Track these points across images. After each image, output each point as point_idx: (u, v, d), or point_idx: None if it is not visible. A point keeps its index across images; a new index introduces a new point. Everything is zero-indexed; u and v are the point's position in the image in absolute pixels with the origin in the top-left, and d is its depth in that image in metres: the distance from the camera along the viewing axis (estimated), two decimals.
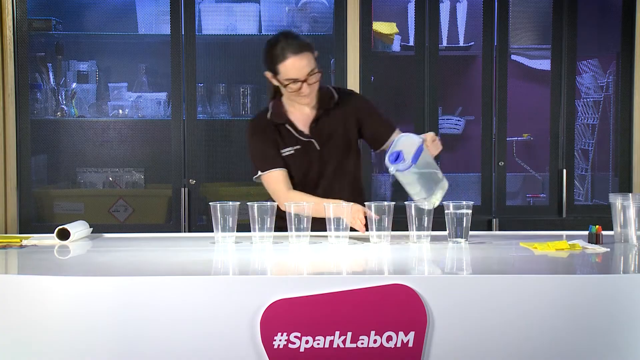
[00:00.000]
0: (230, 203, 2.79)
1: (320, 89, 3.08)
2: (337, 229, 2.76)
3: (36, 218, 4.41)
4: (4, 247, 2.73)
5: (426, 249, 2.67)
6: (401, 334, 2.10)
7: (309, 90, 2.97)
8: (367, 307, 2.10)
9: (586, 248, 2.65)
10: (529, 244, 2.68)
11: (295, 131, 3.08)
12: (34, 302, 2.13)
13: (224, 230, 2.78)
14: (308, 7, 4.57)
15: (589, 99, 4.79)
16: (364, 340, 2.10)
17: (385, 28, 4.62)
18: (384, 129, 3.14)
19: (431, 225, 2.76)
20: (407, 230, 2.78)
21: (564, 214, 4.48)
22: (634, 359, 2.13)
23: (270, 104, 3.12)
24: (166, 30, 4.35)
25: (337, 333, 2.10)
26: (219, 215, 2.77)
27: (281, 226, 2.86)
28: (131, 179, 4.57)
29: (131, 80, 4.59)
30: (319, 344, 2.10)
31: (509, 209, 4.50)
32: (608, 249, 2.63)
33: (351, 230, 2.80)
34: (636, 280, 2.16)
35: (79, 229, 2.95)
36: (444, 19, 4.72)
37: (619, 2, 4.48)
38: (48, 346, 2.12)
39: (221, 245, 2.75)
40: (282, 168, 3.05)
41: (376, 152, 3.20)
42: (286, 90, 2.99)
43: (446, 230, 2.77)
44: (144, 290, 2.13)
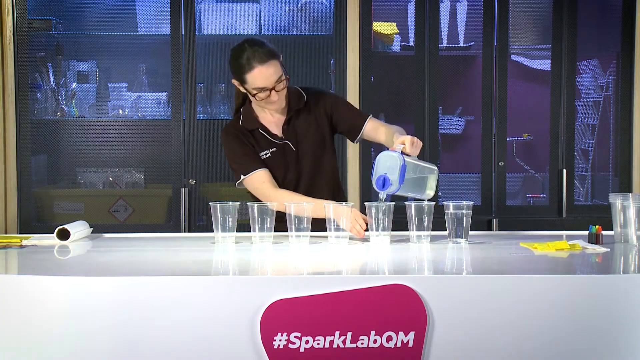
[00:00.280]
0: (230, 203, 2.79)
1: (289, 90, 3.08)
2: (337, 229, 2.76)
3: (36, 218, 4.41)
4: (4, 247, 2.73)
5: (426, 249, 2.66)
6: (401, 334, 2.10)
7: (277, 97, 2.97)
8: (367, 307, 2.10)
9: (586, 248, 2.64)
10: (529, 244, 2.68)
11: (269, 135, 3.08)
12: (34, 302, 2.13)
13: (224, 230, 2.78)
14: (308, 7, 4.57)
15: (589, 99, 4.79)
16: (364, 340, 2.10)
17: (385, 28, 4.62)
18: (356, 118, 3.13)
19: (431, 225, 2.76)
20: (407, 230, 2.78)
21: (564, 214, 4.48)
22: (634, 359, 2.13)
23: (241, 111, 3.12)
24: (166, 30, 4.35)
25: (337, 333, 2.10)
26: (219, 215, 2.77)
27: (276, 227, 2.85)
28: (131, 179, 4.57)
29: (131, 80, 4.59)
30: (319, 344, 2.10)
31: (509, 209, 4.50)
32: (608, 249, 2.63)
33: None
34: (636, 280, 2.16)
35: (79, 229, 2.95)
36: (444, 19, 4.72)
37: (619, 2, 4.48)
38: (48, 346, 2.12)
39: (221, 246, 2.75)
40: (263, 168, 3.04)
41: (355, 143, 3.20)
42: (255, 98, 2.98)
43: (446, 230, 2.77)
44: (144, 290, 2.13)
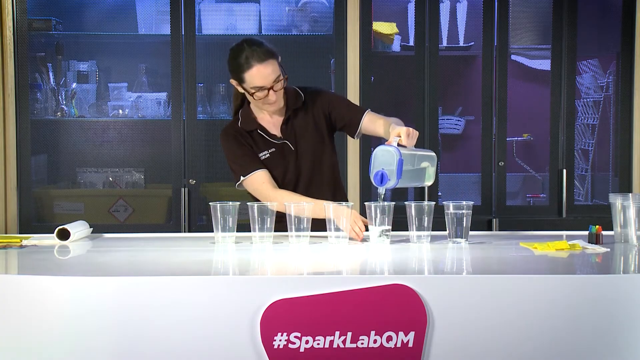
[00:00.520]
0: (230, 203, 2.79)
1: (287, 90, 3.08)
2: (337, 229, 2.76)
3: (36, 218, 4.41)
4: (4, 247, 2.73)
5: (426, 249, 2.66)
6: (401, 334, 2.10)
7: (275, 97, 2.97)
8: (367, 307, 2.10)
9: (586, 248, 2.64)
10: (529, 244, 2.68)
11: (268, 135, 3.09)
12: (34, 302, 2.13)
13: (224, 230, 2.78)
14: (308, 7, 4.57)
15: (589, 99, 4.79)
16: (364, 340, 2.10)
17: (385, 28, 4.62)
18: (354, 113, 3.13)
19: (431, 225, 2.76)
20: (407, 230, 2.78)
21: (564, 214, 4.48)
22: (634, 359, 2.13)
23: (240, 112, 3.13)
24: (166, 30, 4.35)
25: (337, 333, 2.10)
26: (219, 215, 2.77)
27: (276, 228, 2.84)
28: (131, 179, 4.57)
29: (131, 80, 4.59)
30: (319, 344, 2.10)
31: (509, 209, 4.50)
32: (608, 249, 2.63)
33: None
34: (636, 280, 2.16)
35: (79, 229, 2.95)
36: (444, 19, 4.72)
37: (619, 2, 4.48)
38: (48, 346, 2.12)
39: (221, 246, 2.75)
40: (263, 169, 3.04)
41: (355, 139, 3.19)
42: (253, 98, 2.99)
43: (446, 230, 2.77)
44: (144, 290, 2.13)
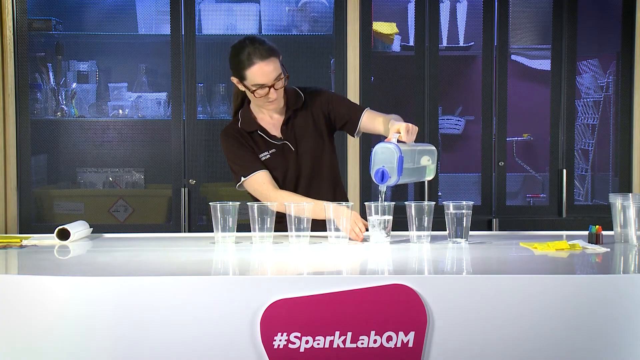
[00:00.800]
0: (230, 203, 2.79)
1: (287, 91, 3.08)
2: (337, 229, 2.76)
3: (36, 218, 4.41)
4: (4, 247, 2.73)
5: (426, 249, 2.66)
6: (401, 334, 2.10)
7: (276, 95, 2.97)
8: (367, 307, 2.10)
9: (586, 248, 2.64)
10: (529, 244, 2.68)
11: (268, 136, 3.09)
12: (34, 302, 2.13)
13: (224, 230, 2.78)
14: (308, 7, 4.57)
15: (589, 99, 4.79)
16: (364, 340, 2.10)
17: (385, 28, 4.62)
18: (353, 112, 3.13)
19: (431, 225, 2.76)
20: (407, 230, 2.78)
21: (564, 214, 4.48)
22: (634, 358, 2.13)
23: (240, 113, 3.13)
24: (166, 30, 4.35)
25: (337, 333, 2.10)
26: (219, 215, 2.77)
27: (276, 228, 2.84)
28: (131, 179, 4.57)
29: (131, 80, 4.59)
30: (319, 344, 2.10)
31: (509, 209, 4.50)
32: (608, 249, 2.63)
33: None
34: (636, 280, 2.16)
35: (79, 229, 2.95)
36: (444, 19, 4.72)
37: (619, 2, 4.48)
38: (48, 346, 2.12)
39: (221, 246, 2.75)
40: (263, 169, 3.04)
41: (355, 137, 3.19)
42: (254, 95, 2.98)
43: (446, 230, 2.76)
44: (144, 290, 2.12)
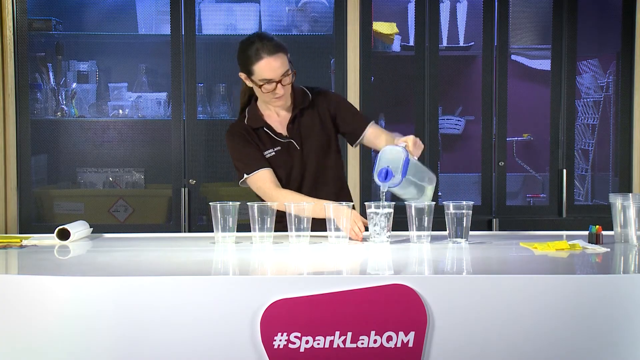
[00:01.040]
0: (230, 203, 2.79)
1: (294, 89, 3.09)
2: (338, 229, 2.76)
3: (36, 218, 4.41)
4: (4, 247, 2.73)
5: (426, 249, 2.66)
6: (401, 334, 2.10)
7: (283, 91, 2.98)
8: (367, 307, 2.10)
9: (586, 248, 2.64)
10: (529, 244, 2.68)
11: (274, 134, 3.09)
12: (34, 302, 2.13)
13: (224, 230, 2.78)
14: (308, 7, 4.57)
15: (589, 99, 4.79)
16: (364, 340, 2.10)
17: (385, 28, 4.62)
18: (359, 122, 3.15)
19: (431, 225, 2.76)
20: (407, 230, 2.78)
21: (564, 214, 4.48)
22: (634, 359, 2.13)
23: (247, 110, 3.14)
24: (166, 30, 4.35)
25: (337, 333, 2.10)
26: (219, 215, 2.77)
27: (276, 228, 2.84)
28: (131, 179, 4.57)
29: (131, 80, 4.59)
30: (319, 344, 2.10)
31: (509, 209, 4.50)
32: (608, 249, 2.63)
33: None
34: (636, 280, 2.16)
35: (79, 229, 2.95)
36: (444, 19, 4.72)
37: (619, 2, 4.48)
38: (48, 346, 2.12)
39: (221, 245, 2.75)
40: (267, 167, 3.05)
41: (354, 147, 3.21)
42: (261, 91, 2.99)
43: (446, 230, 2.77)
44: (144, 290, 2.12)
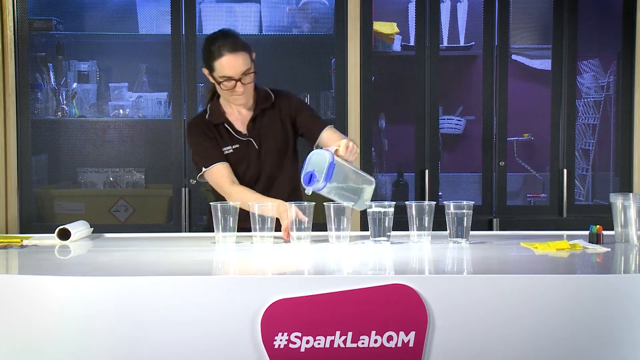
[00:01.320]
0: (231, 203, 2.80)
1: (257, 89, 3.13)
2: (338, 229, 2.76)
3: (37, 218, 4.41)
4: (5, 247, 2.73)
5: (427, 248, 2.66)
6: (402, 333, 2.10)
7: (242, 89, 3.00)
8: (368, 307, 2.10)
9: (587, 248, 2.64)
10: (530, 244, 2.68)
11: (234, 131, 3.12)
12: (35, 302, 2.13)
13: (224, 230, 2.78)
14: (309, 7, 4.57)
15: (589, 99, 4.79)
16: (364, 340, 2.10)
17: (385, 28, 4.62)
18: (316, 125, 3.18)
19: (432, 225, 2.76)
20: (408, 230, 2.78)
21: (564, 213, 4.48)
22: (634, 358, 2.13)
23: (209, 106, 3.17)
24: (167, 30, 4.35)
25: (338, 333, 2.10)
26: (219, 215, 2.77)
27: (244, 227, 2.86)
28: (132, 179, 4.57)
29: (132, 80, 4.59)
30: (319, 344, 2.10)
31: (509, 208, 4.49)
32: (609, 249, 2.63)
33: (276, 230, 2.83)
34: (637, 280, 2.16)
35: (79, 229, 2.95)
36: (445, 18, 4.72)
37: (620, 2, 4.48)
38: (48, 346, 2.12)
39: (222, 245, 2.75)
40: (224, 162, 3.08)
41: (314, 147, 3.20)
42: (221, 88, 3.03)
43: (447, 230, 2.76)
44: (144, 290, 2.13)
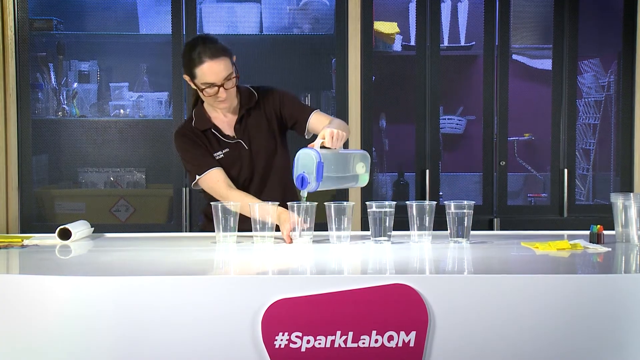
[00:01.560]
0: (232, 203, 2.80)
1: (240, 90, 3.10)
2: (338, 228, 2.76)
3: (37, 218, 4.41)
4: (6, 246, 2.73)
5: (427, 248, 2.66)
6: (402, 333, 2.10)
7: (225, 95, 2.98)
8: (369, 307, 2.10)
9: (587, 248, 2.64)
10: (530, 244, 2.68)
11: (222, 135, 3.10)
12: (35, 302, 2.13)
13: (225, 230, 2.78)
14: (309, 7, 4.57)
15: (590, 99, 4.79)
16: (365, 340, 2.10)
17: (386, 28, 4.62)
18: (302, 112, 3.15)
19: (432, 225, 2.76)
20: (409, 229, 2.78)
21: (565, 213, 4.48)
22: (635, 359, 2.13)
23: (193, 112, 3.14)
24: (167, 30, 4.35)
25: (339, 333, 2.10)
26: (220, 215, 2.77)
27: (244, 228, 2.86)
28: (132, 178, 4.57)
29: (132, 80, 4.59)
30: (320, 343, 2.10)
31: (510, 208, 4.49)
32: (609, 249, 2.63)
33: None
34: (637, 280, 2.16)
35: (80, 228, 2.95)
36: (445, 18, 4.71)
37: (620, 2, 4.48)
38: (49, 346, 2.12)
39: (222, 245, 2.75)
40: (218, 167, 3.05)
41: (307, 138, 3.18)
42: (204, 94, 3.00)
43: (447, 230, 2.76)
44: (145, 290, 2.12)
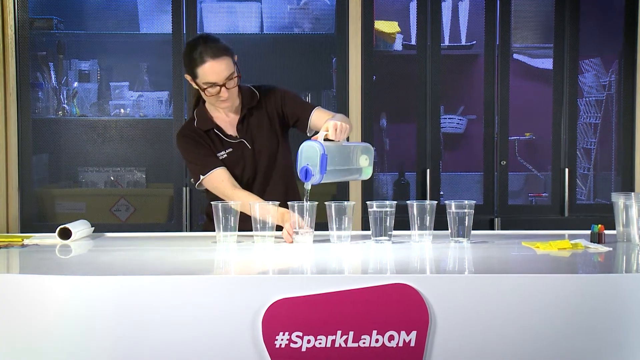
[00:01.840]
0: (232, 202, 2.79)
1: (241, 89, 3.10)
2: (339, 228, 2.76)
3: (38, 217, 4.41)
4: (6, 246, 2.73)
5: (428, 248, 2.66)
6: (403, 333, 2.10)
7: (227, 94, 2.97)
8: (369, 307, 2.10)
9: (588, 247, 2.64)
10: (531, 244, 2.67)
11: (224, 135, 3.10)
12: (35, 302, 2.13)
13: (225, 230, 2.77)
14: (310, 6, 4.56)
15: (591, 98, 4.78)
16: (365, 339, 2.10)
17: (387, 27, 4.61)
18: (303, 110, 3.15)
19: (433, 225, 2.75)
20: (409, 229, 2.77)
21: (566, 213, 4.47)
22: (636, 358, 2.13)
23: (195, 112, 3.14)
24: (168, 29, 4.35)
25: (339, 332, 2.10)
26: (220, 214, 2.77)
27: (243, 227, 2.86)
28: (133, 178, 4.57)
29: (133, 79, 4.59)
30: (320, 343, 2.10)
31: (511, 208, 4.49)
32: (610, 249, 2.63)
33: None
34: (638, 279, 2.16)
35: (80, 228, 2.95)
36: (446, 17, 4.71)
37: (622, 1, 4.47)
38: (49, 346, 2.12)
39: (223, 245, 2.75)
40: (222, 167, 3.04)
41: (308, 134, 3.18)
42: (205, 94, 3.00)
43: (448, 229, 2.76)
44: (145, 289, 2.12)
